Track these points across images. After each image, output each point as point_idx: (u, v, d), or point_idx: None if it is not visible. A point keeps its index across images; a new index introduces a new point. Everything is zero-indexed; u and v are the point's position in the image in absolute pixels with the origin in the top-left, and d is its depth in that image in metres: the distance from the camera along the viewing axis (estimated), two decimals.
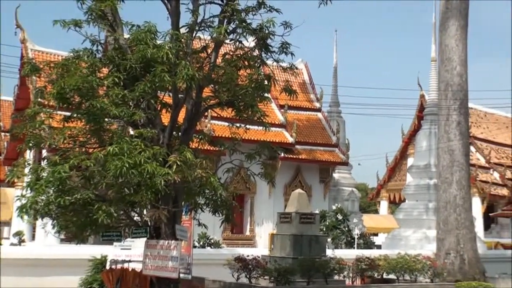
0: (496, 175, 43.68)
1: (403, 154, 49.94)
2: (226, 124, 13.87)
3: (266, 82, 12.50)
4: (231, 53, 12.53)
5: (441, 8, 23.85)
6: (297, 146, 31.61)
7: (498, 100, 74.48)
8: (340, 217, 28.91)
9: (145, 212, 11.79)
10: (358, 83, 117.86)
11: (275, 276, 15.87)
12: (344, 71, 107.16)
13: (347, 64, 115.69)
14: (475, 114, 45.80)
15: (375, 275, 18.90)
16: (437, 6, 26.86)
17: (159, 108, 11.92)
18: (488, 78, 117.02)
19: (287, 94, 12.97)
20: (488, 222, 43.37)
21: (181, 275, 12.82)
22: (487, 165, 43.94)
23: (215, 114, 17.51)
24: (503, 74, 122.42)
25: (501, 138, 47.40)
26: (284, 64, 12.95)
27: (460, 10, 23.05)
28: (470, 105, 28.16)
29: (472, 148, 40.40)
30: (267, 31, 12.08)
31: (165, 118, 12.01)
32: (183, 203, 12.13)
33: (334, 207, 30.46)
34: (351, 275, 18.33)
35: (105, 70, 11.50)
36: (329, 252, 18.32)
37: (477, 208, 39.44)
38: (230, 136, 13.51)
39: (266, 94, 12.92)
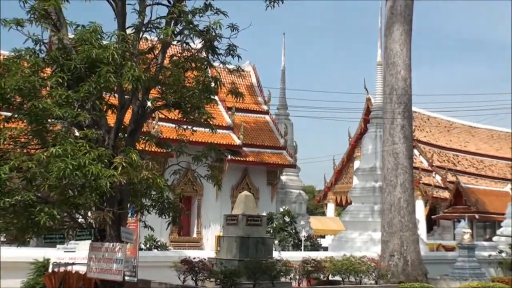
0: (438, 178, 44.72)
1: (350, 157, 50.64)
2: (174, 126, 13.80)
3: (213, 84, 12.49)
4: (178, 55, 12.48)
5: (386, 13, 24.30)
6: (245, 149, 31.65)
7: (440, 104, 76.26)
8: (287, 219, 29.05)
9: (89, 214, 11.62)
10: (306, 86, 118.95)
11: (221, 278, 15.86)
12: (293, 74, 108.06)
13: (295, 67, 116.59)
14: (418, 118, 46.81)
15: (321, 277, 19.10)
16: (382, 11, 27.37)
17: (104, 109, 11.76)
18: (431, 83, 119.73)
19: (234, 96, 12.97)
20: (431, 224, 44.31)
21: (126, 277, 12.71)
22: (430, 168, 44.93)
23: (163, 116, 17.41)
24: (445, 79, 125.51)
25: (443, 142, 48.59)
26: (231, 66, 12.97)
27: (404, 16, 23.54)
28: (413, 109, 28.77)
29: (415, 151, 41.29)
30: (214, 33, 12.07)
31: (111, 119, 11.88)
32: (129, 205, 12.01)
33: (281, 209, 30.60)
34: (297, 277, 18.48)
35: (48, 70, 11.29)
36: (275, 254, 18.40)
37: (420, 210, 40.28)
38: (177, 138, 13.45)
39: (213, 96, 12.89)
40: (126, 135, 11.97)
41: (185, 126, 13.16)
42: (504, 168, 50.87)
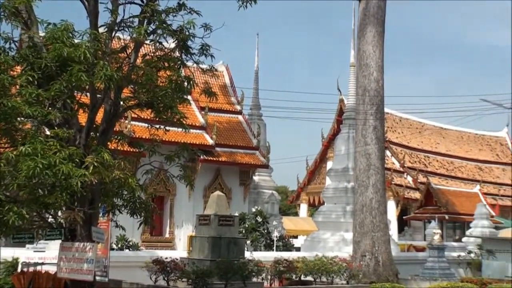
0: (409, 179, 45.15)
1: (322, 158, 50.86)
2: (146, 125, 13.72)
3: (186, 84, 12.47)
4: (151, 54, 12.44)
5: (359, 15, 24.46)
6: (217, 149, 31.61)
7: (412, 106, 76.99)
8: (259, 219, 29.05)
9: (59, 213, 11.53)
10: (280, 86, 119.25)
11: (193, 278, 15.83)
12: (266, 75, 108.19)
13: (269, 68, 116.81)
14: (391, 119, 47.20)
15: (293, 277, 19.15)
16: (356, 13, 27.52)
17: (76, 108, 11.69)
18: (405, 84, 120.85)
19: (207, 96, 12.96)
20: (402, 225, 44.69)
21: (97, 277, 12.64)
22: (401, 169, 45.34)
23: (135, 115, 17.32)
24: (418, 81, 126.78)
25: (415, 143, 49.07)
26: (204, 66, 12.96)
27: (377, 18, 23.69)
28: (386, 110, 28.98)
29: (387, 152, 41.65)
30: (187, 33, 12.06)
31: (83, 118, 11.80)
32: (100, 204, 11.94)
33: (253, 210, 30.59)
34: (269, 277, 18.51)
35: (18, 69, 11.18)
36: (247, 255, 18.40)
37: (392, 211, 40.64)
38: (150, 137, 13.40)
39: (186, 96, 12.88)
40: (98, 134, 11.90)
41: (157, 126, 13.13)
42: (473, 170, 51.59)
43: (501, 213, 45.74)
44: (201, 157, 29.83)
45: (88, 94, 11.75)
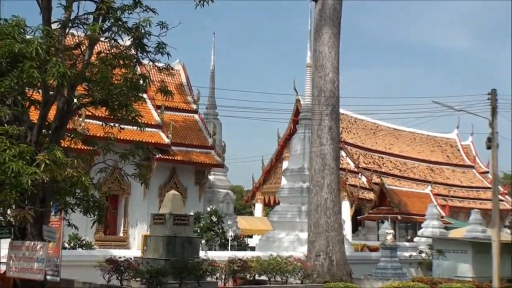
0: (364, 179, 45.66)
1: (278, 157, 51.03)
2: (101, 123, 13.57)
3: (142, 82, 12.38)
4: (106, 52, 12.32)
5: (315, 16, 24.61)
6: (173, 147, 31.46)
7: (367, 107, 78.03)
8: (214, 219, 29.04)
9: (9, 212, 11.32)
10: (237, 86, 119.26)
11: (147, 278, 15.73)
12: (223, 74, 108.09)
13: (226, 67, 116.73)
14: (346, 120, 47.66)
15: (248, 277, 19.18)
16: (312, 14, 27.69)
17: (27, 105, 11.49)
18: (358, 85, 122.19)
19: (163, 94, 12.90)
20: (356, 224, 45.15)
21: (48, 277, 12.44)
22: (356, 169, 45.82)
23: (90, 113, 17.11)
24: (372, 82, 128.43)
25: (369, 144, 49.67)
26: (161, 65, 12.89)
27: (333, 19, 23.88)
28: (341, 111, 29.24)
29: (342, 153, 42.01)
30: (143, 31, 11.98)
31: (34, 115, 11.60)
32: (52, 203, 11.77)
33: (209, 209, 30.57)
34: (223, 276, 18.51)
35: None
36: (202, 254, 18.37)
37: (346, 211, 41.00)
38: (104, 135, 13.26)
39: (141, 94, 12.81)
40: (50, 131, 11.73)
41: (112, 124, 13.01)
42: (425, 170, 52.52)
43: (451, 214, 46.65)
44: (157, 155, 29.66)
45: (40, 91, 11.56)
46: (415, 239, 34.78)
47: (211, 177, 34.25)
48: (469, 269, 23.12)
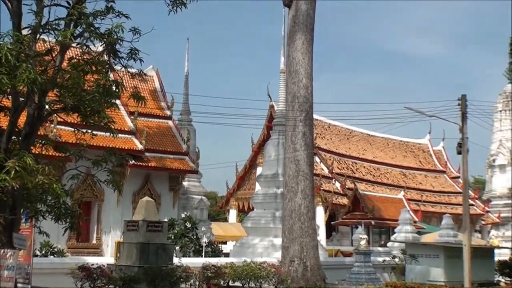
0: (338, 185, 45.86)
1: (252, 163, 51.04)
2: (73, 129, 13.47)
3: (114, 88, 12.32)
4: (78, 57, 12.23)
5: (289, 22, 24.69)
6: (147, 154, 31.31)
7: (340, 113, 78.39)
8: (188, 225, 28.93)
9: None
10: (211, 92, 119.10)
11: (120, 285, 15.62)
12: (198, 80, 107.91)
13: (200, 74, 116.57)
14: (320, 126, 47.85)
15: (222, 283, 19.11)
16: (286, 20, 27.76)
17: None
18: (332, 91, 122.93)
19: (136, 100, 12.85)
20: (330, 230, 45.31)
21: (19, 285, 12.32)
22: (330, 175, 45.99)
23: (61, 119, 16.98)
24: (345, 88, 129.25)
25: (343, 149, 49.92)
26: (134, 71, 12.84)
27: (306, 25, 23.96)
28: (315, 116, 29.34)
29: (316, 159, 42.17)
30: (115, 36, 11.92)
31: (4, 122, 11.47)
32: (22, 210, 11.63)
33: (183, 215, 30.45)
34: (197, 283, 18.42)
35: None
36: (176, 261, 18.28)
37: (320, 216, 41.12)
38: (76, 142, 13.16)
39: (114, 100, 12.75)
40: (20, 138, 11.60)
41: (84, 130, 12.92)
42: (398, 176, 52.93)
43: (424, 219, 47.06)
44: (130, 162, 29.48)
45: (10, 97, 11.44)
46: (389, 244, 34.97)
47: (185, 183, 34.15)
48: (441, 273, 23.30)
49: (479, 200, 56.68)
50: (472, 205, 51.07)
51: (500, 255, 29.58)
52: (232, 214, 52.80)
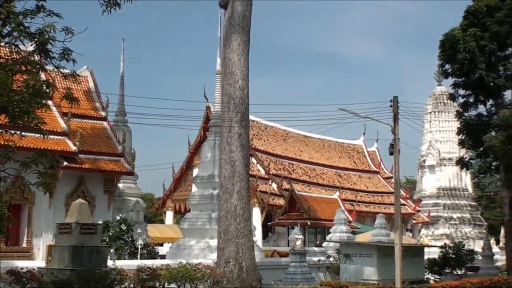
0: (274, 185, 46.19)
1: (189, 165, 50.87)
2: (0, 130, 13.09)
3: (45, 88, 12.06)
4: (6, 57, 11.91)
5: (225, 23, 24.71)
6: (81, 155, 30.74)
7: (277, 114, 79.08)
8: (124, 227, 28.55)
9: None
10: (148, 92, 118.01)
11: None
12: (134, 81, 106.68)
13: (137, 74, 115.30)
14: (256, 127, 48.13)
15: (157, 285, 18.98)
16: (222, 21, 27.77)
17: None
18: (267, 92, 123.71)
19: (69, 101, 12.62)
20: (267, 231, 45.60)
21: None
22: (266, 176, 46.30)
23: None
24: (280, 89, 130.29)
25: (279, 150, 50.32)
26: (66, 71, 12.61)
27: (242, 27, 24.03)
28: (251, 118, 29.52)
29: (253, 160, 42.42)
30: (47, 36, 11.67)
31: None
32: None
33: (118, 217, 30.03)
34: (132, 285, 18.23)
35: None
36: (110, 263, 18.05)
37: (257, 217, 41.38)
38: (3, 143, 12.80)
39: (45, 101, 12.49)
40: None
41: (13, 131, 12.58)
42: (333, 176, 53.75)
43: (358, 219, 47.97)
44: (63, 164, 28.90)
45: None
46: (324, 244, 35.46)
47: (120, 185, 33.71)
48: (374, 272, 23.80)
49: (410, 200, 58.17)
50: (404, 204, 52.42)
51: (430, 254, 30.43)
52: (169, 216, 52.47)
